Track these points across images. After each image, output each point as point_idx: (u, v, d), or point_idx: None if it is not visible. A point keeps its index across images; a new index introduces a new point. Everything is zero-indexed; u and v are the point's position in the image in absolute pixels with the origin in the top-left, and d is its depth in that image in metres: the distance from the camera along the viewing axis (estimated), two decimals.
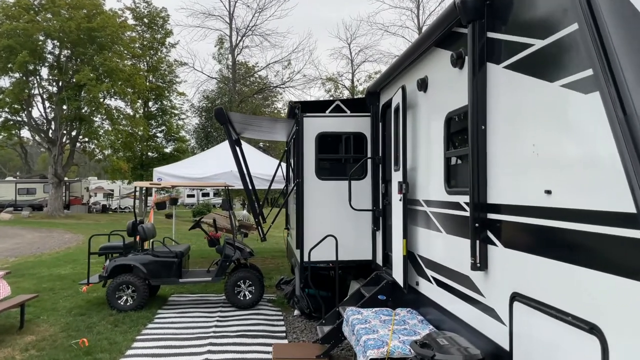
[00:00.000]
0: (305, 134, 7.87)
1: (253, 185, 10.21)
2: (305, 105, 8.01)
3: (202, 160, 14.26)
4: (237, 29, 34.48)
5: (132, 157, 42.85)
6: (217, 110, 8.22)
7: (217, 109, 8.22)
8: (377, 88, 7.54)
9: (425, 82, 5.41)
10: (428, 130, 5.40)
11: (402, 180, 5.77)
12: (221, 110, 8.19)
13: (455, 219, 4.56)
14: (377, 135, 7.67)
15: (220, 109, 8.21)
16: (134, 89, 40.93)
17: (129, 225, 9.86)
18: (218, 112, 8.17)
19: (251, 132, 11.11)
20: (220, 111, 8.17)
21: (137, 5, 45.20)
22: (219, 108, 8.27)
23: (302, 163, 7.88)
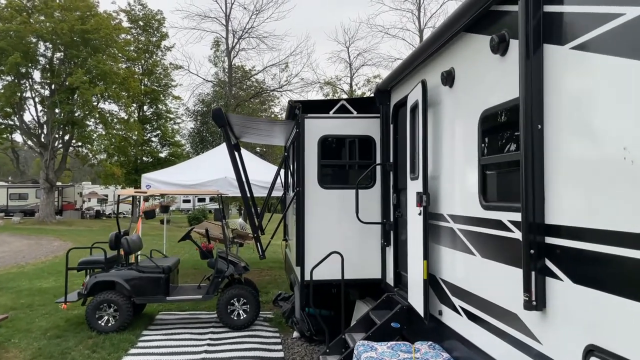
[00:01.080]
0: (306, 137, 7.01)
1: (252, 195, 9.35)
2: (306, 105, 7.16)
3: (194, 166, 13.38)
4: (233, 31, 33.70)
5: (126, 161, 42.02)
6: (215, 111, 7.35)
7: (216, 110, 7.35)
8: (388, 86, 6.69)
9: (452, 75, 4.57)
10: (455, 131, 4.56)
11: (421, 191, 4.91)
12: (220, 112, 7.32)
13: (495, 240, 3.70)
14: (387, 139, 6.82)
15: (218, 110, 7.35)
16: (129, 93, 40.20)
17: (112, 237, 8.97)
18: (216, 114, 7.30)
19: (251, 135, 10.24)
20: (218, 112, 7.31)
21: (132, 8, 44.53)
22: (217, 109, 7.41)
23: (302, 170, 7.03)
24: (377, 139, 7.07)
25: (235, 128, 8.51)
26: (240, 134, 9.48)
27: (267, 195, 10.28)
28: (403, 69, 5.90)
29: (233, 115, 8.83)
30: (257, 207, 9.90)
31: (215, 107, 7.77)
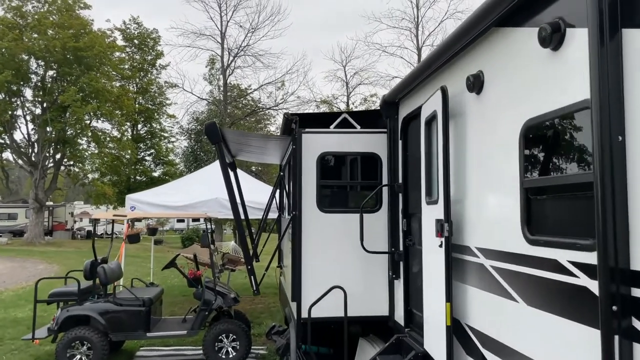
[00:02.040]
0: (304, 155, 6.21)
1: (247, 218, 8.53)
2: (304, 118, 6.36)
3: (184, 186, 12.54)
4: (229, 49, 33.13)
5: (119, 181, 41.21)
6: (208, 126, 6.53)
7: (209, 125, 6.53)
8: (396, 97, 5.92)
9: (480, 80, 3.79)
10: (485, 147, 3.76)
11: (443, 218, 4.10)
12: (214, 127, 6.51)
13: (547, 285, 2.88)
14: (395, 157, 6.03)
15: (212, 125, 6.54)
16: (122, 111, 39.56)
17: (87, 266, 8.10)
18: (210, 129, 6.49)
19: (247, 153, 9.43)
20: (212, 128, 6.49)
21: (127, 27, 44.15)
22: (210, 123, 6.59)
23: (299, 191, 6.22)
24: (384, 157, 6.28)
25: (231, 145, 7.71)
26: (236, 152, 8.67)
27: (262, 220, 9.46)
28: (415, 76, 5.13)
29: (228, 131, 8.05)
30: (252, 230, 9.07)
31: (209, 121, 6.89)
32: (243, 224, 7.67)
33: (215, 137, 6.49)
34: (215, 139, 6.50)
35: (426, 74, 4.82)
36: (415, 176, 5.49)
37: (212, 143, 6.65)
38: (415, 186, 5.51)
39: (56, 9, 37.75)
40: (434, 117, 4.41)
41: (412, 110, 5.48)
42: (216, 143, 6.55)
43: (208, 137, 6.59)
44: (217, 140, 6.51)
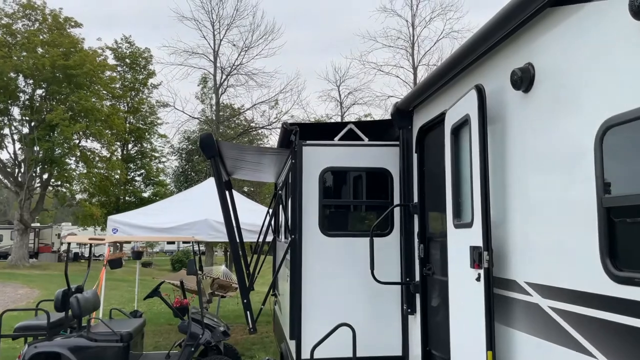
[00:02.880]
0: (305, 170, 5.45)
1: (242, 243, 7.71)
2: (305, 128, 5.62)
3: (171, 206, 11.71)
4: (221, 68, 32.49)
5: (107, 202, 40.26)
6: (204, 138, 5.80)
7: (205, 137, 5.79)
8: (410, 105, 5.20)
9: (530, 74, 3.07)
10: (538, 156, 3.02)
11: (481, 245, 3.33)
12: (210, 139, 5.75)
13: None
14: (409, 172, 5.28)
15: (208, 137, 5.78)
16: (112, 130, 38.86)
17: (58, 296, 7.23)
18: (206, 142, 5.73)
19: (245, 170, 8.60)
20: (208, 140, 5.73)
21: (119, 46, 43.64)
22: (207, 135, 5.84)
23: (299, 211, 5.44)
24: (395, 173, 5.53)
25: (227, 162, 6.94)
26: (232, 170, 7.88)
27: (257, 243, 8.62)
28: (436, 79, 4.41)
29: (225, 144, 7.27)
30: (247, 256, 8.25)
31: (205, 132, 6.06)
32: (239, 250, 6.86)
33: (211, 151, 5.71)
34: (210, 153, 5.72)
35: (451, 74, 4.10)
36: (435, 194, 4.74)
37: (207, 157, 5.88)
38: (436, 206, 4.76)
39: (47, 27, 37.21)
40: (465, 123, 3.67)
41: (431, 119, 4.75)
42: (212, 157, 5.76)
43: (203, 150, 5.81)
44: (213, 154, 5.73)
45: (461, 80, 4.06)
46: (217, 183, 5.95)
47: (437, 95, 4.63)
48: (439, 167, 4.62)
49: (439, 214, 4.67)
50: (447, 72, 4.14)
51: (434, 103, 4.70)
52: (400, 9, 30.62)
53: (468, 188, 3.62)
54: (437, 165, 4.69)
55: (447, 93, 4.38)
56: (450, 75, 4.13)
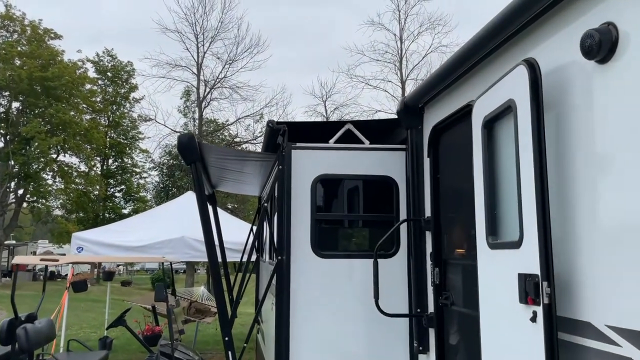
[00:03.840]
0: (294, 178, 4.55)
1: (225, 264, 6.79)
2: (294, 128, 4.71)
3: (144, 222, 10.68)
4: (205, 81, 31.62)
5: (85, 218, 38.90)
6: (184, 139, 4.78)
7: (185, 138, 4.81)
8: (420, 100, 4.35)
9: (610, 38, 2.22)
10: (621, 150, 2.16)
11: (537, 273, 2.44)
12: (191, 141, 4.75)
13: None
14: (419, 181, 4.40)
15: (189, 139, 4.79)
16: (92, 145, 37.77)
17: (3, 327, 6.18)
18: (185, 144, 4.72)
19: (229, 182, 7.60)
20: (189, 142, 4.73)
21: (100, 59, 42.66)
22: (187, 136, 4.83)
23: (287, 228, 4.52)
24: (401, 181, 4.66)
25: (212, 171, 6.00)
26: (216, 181, 6.94)
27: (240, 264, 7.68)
28: (456, 64, 3.57)
29: (210, 147, 6.33)
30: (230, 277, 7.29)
31: (185, 133, 4.89)
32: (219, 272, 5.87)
33: (192, 155, 4.72)
34: (191, 157, 4.73)
35: (483, 52, 3.24)
36: (455, 206, 3.88)
37: (187, 163, 4.84)
38: (455, 220, 3.89)
39: (26, 39, 36.15)
40: (507, 112, 2.82)
41: (449, 115, 3.89)
42: (192, 163, 4.77)
43: (182, 155, 4.79)
44: (194, 159, 4.75)
45: (499, 57, 3.20)
46: (197, 193, 4.93)
47: (458, 85, 3.78)
48: (460, 173, 3.76)
49: (461, 230, 3.80)
50: (475, 51, 3.29)
51: (454, 95, 3.85)
52: (388, 23, 29.84)
53: (511, 197, 2.76)
54: (458, 170, 3.83)
55: (474, 78, 3.53)
56: (481, 54, 3.28)
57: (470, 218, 3.44)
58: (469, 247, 3.68)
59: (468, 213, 3.56)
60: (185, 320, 9.44)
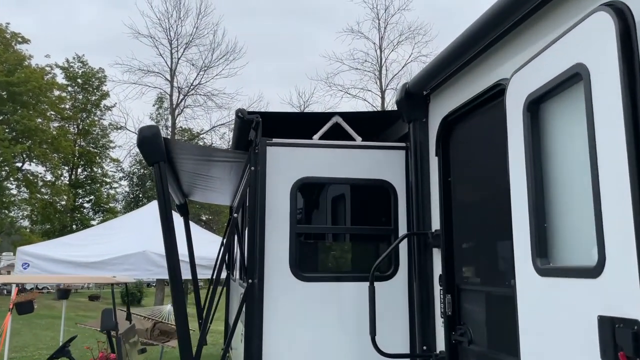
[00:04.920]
0: (270, 182, 3.66)
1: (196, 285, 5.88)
2: (270, 120, 3.81)
3: (102, 235, 9.64)
4: (179, 88, 30.58)
5: (51, 230, 37.26)
6: (146, 133, 3.72)
7: (147, 131, 3.75)
8: (425, 86, 3.52)
9: None
10: None
11: (638, 319, 1.60)
12: (154, 136, 3.73)
13: None
14: (423, 186, 3.55)
15: (152, 132, 3.77)
16: (59, 153, 36.32)
17: None
18: (148, 138, 3.69)
19: (202, 190, 6.56)
20: (153, 137, 3.70)
21: (70, 65, 41.29)
22: (150, 129, 3.80)
23: (260, 244, 3.63)
24: (401, 186, 3.81)
25: (184, 177, 5.04)
26: (189, 188, 5.97)
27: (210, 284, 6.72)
28: (481, 32, 2.75)
29: (181, 144, 5.38)
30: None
31: (148, 125, 3.61)
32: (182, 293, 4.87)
33: (156, 153, 3.73)
34: (155, 156, 3.73)
35: (527, 7, 2.41)
36: (475, 216, 3.04)
37: (150, 162, 3.76)
38: (476, 235, 3.05)
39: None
40: (569, 84, 2.00)
41: (466, 101, 3.07)
42: (154, 164, 3.78)
43: (144, 153, 3.77)
44: (158, 158, 3.75)
45: (551, 11, 2.36)
46: (159, 198, 3.84)
47: (481, 62, 2.95)
48: (481, 175, 2.95)
49: (484, 247, 2.97)
50: (513, 9, 2.47)
51: (474, 75, 3.03)
52: (367, 31, 29.29)
53: (579, 202, 1.93)
54: (478, 171, 3.02)
55: (507, 49, 2.70)
56: (522, 11, 2.45)
57: (498, 231, 2.63)
58: (497, 270, 2.85)
59: (496, 225, 2.75)
60: (146, 344, 8.40)
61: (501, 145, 2.57)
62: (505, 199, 2.49)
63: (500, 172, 2.61)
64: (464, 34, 2.90)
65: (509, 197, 2.44)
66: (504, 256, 2.75)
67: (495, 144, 2.74)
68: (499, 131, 2.61)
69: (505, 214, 2.50)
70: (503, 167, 2.52)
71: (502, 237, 2.71)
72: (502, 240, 2.76)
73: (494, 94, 2.77)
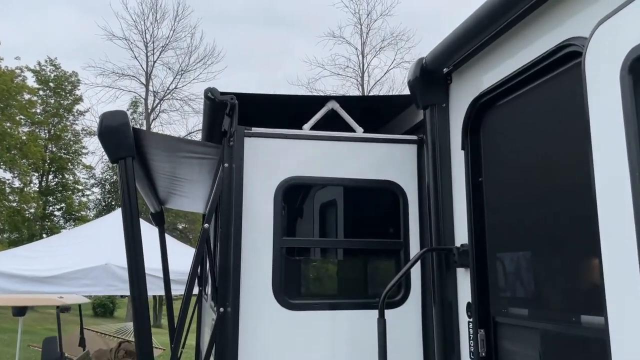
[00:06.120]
0: (248, 182, 2.88)
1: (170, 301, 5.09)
2: (249, 103, 2.99)
3: (63, 246, 8.69)
4: (154, 92, 29.60)
5: (19, 239, 35.79)
6: (110, 122, 2.87)
7: (111, 118, 2.88)
8: (446, 62, 2.77)
9: None
10: None
11: None
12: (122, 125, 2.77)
13: None
14: (445, 187, 2.79)
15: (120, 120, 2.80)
16: (29, 159, 35.08)
17: None
18: (113, 129, 2.83)
19: (177, 197, 5.60)
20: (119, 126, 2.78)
21: (42, 68, 40.02)
22: (116, 115, 2.83)
23: (235, 262, 2.82)
24: (412, 189, 3.06)
25: (160, 181, 4.20)
26: (166, 194, 5.10)
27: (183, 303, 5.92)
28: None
29: (154, 136, 4.58)
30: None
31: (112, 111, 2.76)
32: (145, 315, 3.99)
33: (122, 147, 2.85)
34: (120, 151, 2.85)
35: None
36: (522, 227, 2.30)
37: (113, 159, 2.93)
38: (523, 252, 2.31)
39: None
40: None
41: (509, 75, 2.33)
42: (121, 159, 2.86)
43: (105, 145, 2.86)
44: (124, 154, 2.85)
45: None
46: (124, 201, 3.01)
47: (541, 14, 2.21)
48: (531, 170, 2.21)
49: (535, 266, 2.23)
50: None
51: (528, 35, 2.29)
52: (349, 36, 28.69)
53: None
54: (526, 166, 2.27)
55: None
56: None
57: (560, 245, 1.89)
58: (558, 299, 2.10)
59: (555, 236, 2.01)
60: None
61: (569, 128, 1.84)
62: (572, 201, 1.76)
63: (565, 165, 1.88)
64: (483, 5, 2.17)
65: (580, 197, 1.72)
66: (571, 280, 2.01)
67: (556, 128, 2.01)
68: (565, 109, 1.88)
69: (572, 220, 1.77)
70: (573, 157, 1.79)
71: (567, 254, 1.97)
72: (566, 257, 2.03)
73: (556, 60, 2.03)
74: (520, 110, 2.38)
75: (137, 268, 2.95)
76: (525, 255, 2.35)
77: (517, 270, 2.40)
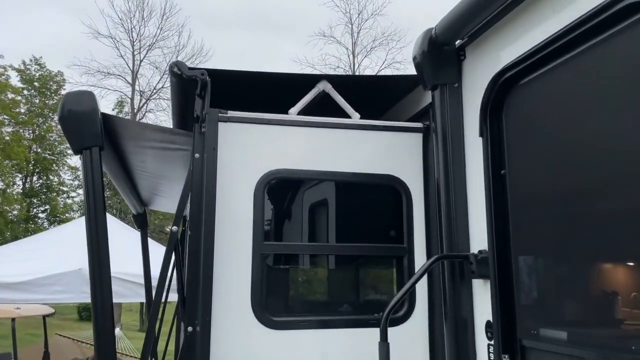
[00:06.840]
0: (223, 176, 2.42)
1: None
2: (224, 82, 2.52)
3: (34, 250, 8.16)
4: (141, 91, 29.02)
5: (2, 241, 35.12)
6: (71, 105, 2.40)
7: (73, 100, 2.43)
8: (459, 34, 2.32)
9: None
10: None
11: None
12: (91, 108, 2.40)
13: None
14: (457, 183, 2.34)
15: (84, 99, 2.43)
16: (12, 160, 34.52)
17: None
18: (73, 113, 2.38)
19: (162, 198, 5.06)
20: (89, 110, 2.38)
21: (27, 67, 39.38)
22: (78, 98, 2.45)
23: (206, 272, 2.35)
24: (417, 186, 2.61)
25: (142, 181, 3.71)
26: (149, 195, 4.61)
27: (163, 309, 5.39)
28: None
29: (123, 120, 4.07)
30: None
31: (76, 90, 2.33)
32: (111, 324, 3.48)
33: (86, 135, 2.35)
34: (84, 139, 2.36)
35: None
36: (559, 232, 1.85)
37: (76, 150, 2.49)
38: (561, 262, 1.86)
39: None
40: None
41: (543, 43, 1.88)
42: (85, 149, 2.38)
43: (67, 133, 2.34)
44: (89, 143, 2.36)
45: None
46: (87, 196, 2.56)
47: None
48: (574, 159, 1.77)
49: (577, 279, 1.78)
50: None
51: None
52: (340, 36, 28.36)
53: None
54: (567, 155, 1.83)
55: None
56: None
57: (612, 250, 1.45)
58: (609, 322, 1.66)
59: (609, 243, 1.57)
60: None
61: (622, 103, 1.39)
62: (625, 196, 1.32)
63: (615, 151, 1.44)
64: None
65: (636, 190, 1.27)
66: (628, 295, 1.57)
67: (602, 105, 1.57)
68: (616, 81, 1.43)
69: (623, 220, 1.32)
70: (626, 140, 1.35)
71: (620, 261, 1.53)
72: (619, 266, 1.58)
73: (607, 17, 1.59)
74: (555, 86, 1.93)
75: (100, 274, 2.50)
76: (562, 264, 1.90)
77: (552, 282, 1.95)
